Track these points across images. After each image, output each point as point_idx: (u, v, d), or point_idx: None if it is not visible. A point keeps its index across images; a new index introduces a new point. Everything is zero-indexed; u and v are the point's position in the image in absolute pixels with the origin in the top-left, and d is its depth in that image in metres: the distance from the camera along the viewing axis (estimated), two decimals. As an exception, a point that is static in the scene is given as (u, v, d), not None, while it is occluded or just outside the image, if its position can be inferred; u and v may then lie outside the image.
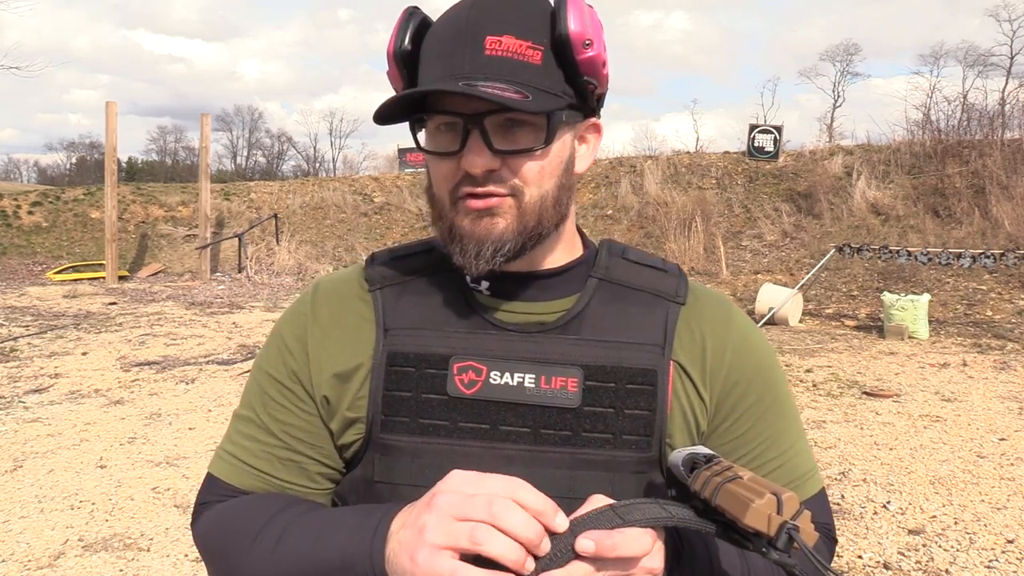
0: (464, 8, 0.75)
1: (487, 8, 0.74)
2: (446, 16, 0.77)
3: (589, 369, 0.77)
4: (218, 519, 0.80)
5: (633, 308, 0.81)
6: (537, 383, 0.76)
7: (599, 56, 0.75)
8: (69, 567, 3.30)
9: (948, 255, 9.55)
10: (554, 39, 0.74)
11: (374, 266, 0.85)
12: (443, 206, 0.77)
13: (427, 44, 0.77)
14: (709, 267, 13.19)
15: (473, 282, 0.82)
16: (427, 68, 0.76)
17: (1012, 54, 33.19)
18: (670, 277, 0.84)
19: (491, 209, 0.74)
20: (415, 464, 0.76)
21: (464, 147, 0.73)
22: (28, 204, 17.43)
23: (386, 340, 0.79)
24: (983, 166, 12.97)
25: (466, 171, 0.73)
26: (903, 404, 6.13)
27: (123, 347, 8.19)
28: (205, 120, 15.83)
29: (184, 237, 16.88)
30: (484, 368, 0.76)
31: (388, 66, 0.80)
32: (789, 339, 9.20)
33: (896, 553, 3.51)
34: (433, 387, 0.76)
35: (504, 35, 0.72)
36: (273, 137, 65.22)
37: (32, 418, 5.51)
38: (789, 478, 0.84)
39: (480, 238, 0.75)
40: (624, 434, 0.77)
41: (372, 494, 0.78)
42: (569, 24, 0.73)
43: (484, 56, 0.72)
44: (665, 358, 0.79)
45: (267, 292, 13.39)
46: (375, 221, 17.12)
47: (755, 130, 16.01)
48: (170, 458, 4.69)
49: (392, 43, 0.78)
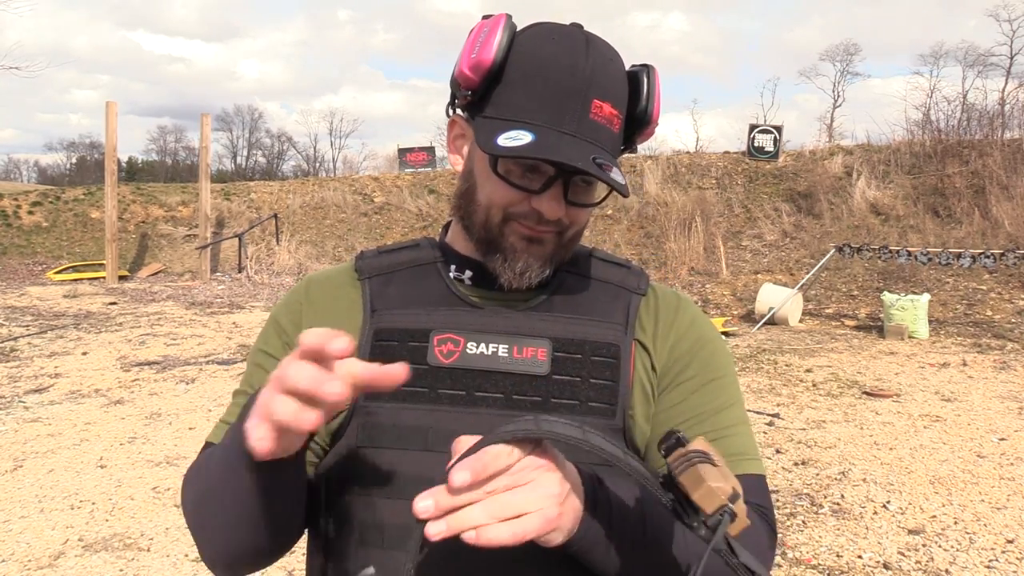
0: (579, 57, 0.78)
1: (598, 69, 0.79)
2: (552, 50, 0.79)
3: (557, 341, 0.83)
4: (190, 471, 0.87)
5: (599, 295, 0.88)
6: (510, 352, 0.82)
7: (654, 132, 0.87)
8: (69, 567, 3.30)
9: (948, 255, 9.55)
10: (635, 114, 0.84)
11: (364, 259, 0.91)
12: (493, 222, 0.83)
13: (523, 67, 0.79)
14: (709, 267, 13.19)
15: (457, 270, 0.88)
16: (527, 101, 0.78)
17: (1012, 54, 33.21)
18: (633, 274, 0.91)
19: (540, 239, 0.82)
20: (396, 428, 0.81)
21: (544, 191, 0.79)
22: (28, 204, 17.43)
23: (373, 319, 0.85)
24: (983, 166, 12.97)
25: (536, 210, 0.80)
26: (903, 404, 6.13)
27: (123, 347, 8.19)
28: (205, 120, 15.83)
29: (184, 237, 16.88)
30: (462, 340, 0.82)
31: (470, 72, 0.80)
32: (789, 339, 9.20)
33: (896, 553, 3.51)
34: (414, 358, 0.81)
35: (606, 102, 0.79)
36: (273, 137, 65.27)
37: (32, 418, 5.51)
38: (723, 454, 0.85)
39: (529, 259, 0.82)
40: (590, 401, 0.82)
41: (356, 459, 0.81)
42: (653, 110, 0.84)
43: (589, 119, 0.78)
44: (628, 337, 0.85)
45: (267, 292, 13.39)
46: (375, 221, 17.11)
47: (755, 130, 16.01)
48: (170, 458, 4.69)
49: (488, 52, 0.79)
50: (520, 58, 0.79)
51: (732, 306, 11.59)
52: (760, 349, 8.49)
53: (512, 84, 0.79)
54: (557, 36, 0.80)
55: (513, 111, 0.79)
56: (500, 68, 0.79)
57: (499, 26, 0.80)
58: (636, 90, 0.84)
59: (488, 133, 0.78)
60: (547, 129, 0.77)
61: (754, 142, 15.79)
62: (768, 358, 7.97)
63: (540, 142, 0.76)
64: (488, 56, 0.79)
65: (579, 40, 0.80)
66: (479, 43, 0.79)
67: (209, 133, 15.97)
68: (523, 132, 0.76)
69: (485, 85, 0.80)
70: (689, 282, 12.77)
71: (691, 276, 13.05)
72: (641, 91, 0.83)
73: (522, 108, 0.78)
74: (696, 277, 13.01)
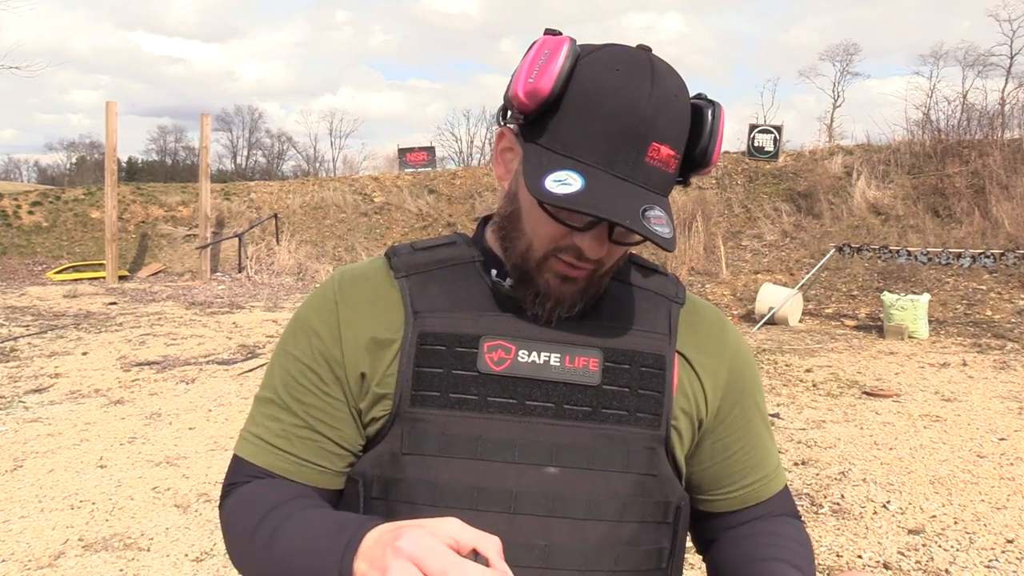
0: (642, 94, 0.74)
1: (660, 107, 0.74)
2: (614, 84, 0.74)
3: (608, 351, 0.83)
4: (234, 507, 0.83)
5: (642, 303, 0.88)
6: (562, 362, 0.81)
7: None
8: (69, 567, 3.30)
9: (948, 255, 9.55)
10: (695, 154, 0.80)
11: (398, 256, 0.87)
12: (534, 255, 0.81)
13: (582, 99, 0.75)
14: (709, 267, 13.19)
15: (498, 276, 0.85)
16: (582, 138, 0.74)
17: (1012, 54, 33.17)
18: (670, 282, 0.92)
19: (576, 278, 0.81)
20: (444, 436, 0.79)
21: (589, 230, 0.77)
22: (28, 204, 17.43)
23: (416, 321, 0.82)
24: (983, 166, 12.97)
25: (578, 247, 0.78)
26: (903, 404, 6.13)
27: (123, 347, 8.19)
28: (205, 120, 15.83)
29: (184, 237, 16.88)
30: (513, 347, 0.81)
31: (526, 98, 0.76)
32: (789, 339, 9.20)
33: (896, 553, 3.51)
34: (463, 364, 0.80)
35: (664, 144, 0.75)
36: (273, 137, 65.12)
37: (32, 418, 5.51)
38: (763, 472, 0.94)
39: (558, 299, 0.81)
40: (638, 412, 0.82)
41: (398, 466, 0.80)
42: (714, 151, 0.80)
43: (644, 163, 0.75)
44: (671, 347, 0.86)
45: (267, 292, 13.39)
46: (375, 221, 17.11)
47: (755, 130, 16.02)
48: (170, 458, 4.69)
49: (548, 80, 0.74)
50: (580, 87, 0.75)
51: (732, 306, 11.60)
52: (760, 349, 8.49)
53: (568, 116, 0.75)
54: (622, 66, 0.75)
55: (566, 146, 0.75)
56: (558, 97, 0.75)
57: (560, 53, 0.75)
58: (698, 126, 0.80)
59: (536, 168, 0.75)
60: (598, 171, 0.74)
61: (754, 142, 15.79)
62: (768, 358, 7.97)
63: (588, 192, 0.72)
64: (547, 86, 0.74)
65: (644, 72, 0.75)
66: (538, 67, 0.75)
67: (209, 133, 15.98)
68: (573, 174, 0.73)
69: (540, 112, 0.77)
70: (689, 282, 12.76)
71: (691, 276, 13.05)
72: (703, 130, 0.79)
73: (576, 145, 0.75)
74: (696, 277, 13.01)
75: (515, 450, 0.79)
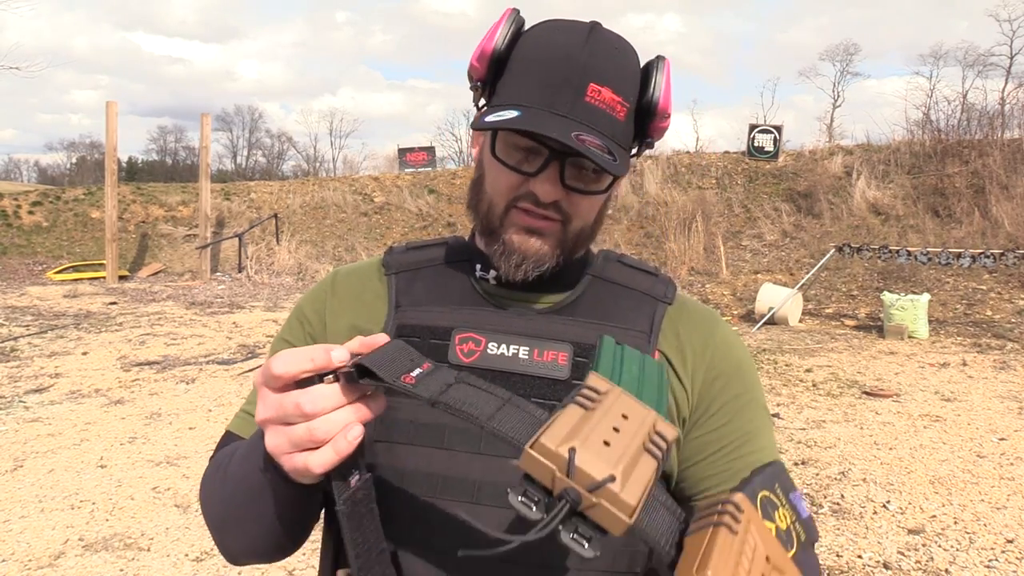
0: (576, 46, 0.78)
1: (597, 54, 0.78)
2: (552, 39, 0.79)
3: (579, 346, 0.82)
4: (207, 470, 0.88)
5: (624, 301, 0.88)
6: (530, 355, 0.82)
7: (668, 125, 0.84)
8: (69, 567, 3.30)
9: (948, 255, 9.55)
10: (642, 103, 0.81)
11: (392, 255, 0.92)
12: (495, 210, 0.83)
13: (524, 56, 0.80)
14: (709, 267, 13.19)
15: (482, 271, 0.88)
16: (522, 86, 0.79)
17: (1012, 54, 33.16)
18: (660, 282, 0.91)
19: (540, 229, 0.81)
20: (412, 425, 0.81)
21: (540, 172, 0.79)
22: (28, 204, 17.43)
23: (396, 314, 0.86)
24: (983, 166, 12.97)
25: (533, 192, 0.80)
26: (903, 404, 6.13)
27: (123, 347, 8.19)
28: (205, 120, 15.83)
29: (184, 237, 16.88)
30: (483, 339, 0.82)
31: (477, 62, 0.82)
32: (789, 339, 9.20)
33: (896, 553, 3.51)
34: (436, 355, 0.81)
35: (604, 87, 0.77)
36: (273, 137, 65.09)
37: (32, 418, 5.51)
38: None
39: (524, 254, 0.82)
40: None
41: (370, 452, 0.82)
42: (661, 97, 0.81)
43: (583, 102, 0.77)
44: (651, 345, 0.85)
45: (267, 292, 13.39)
46: (375, 221, 17.12)
47: (755, 130, 16.02)
48: (170, 458, 4.70)
49: (490, 42, 0.81)
50: (523, 49, 0.80)
51: (732, 306, 11.60)
52: (760, 349, 8.49)
53: (512, 73, 0.81)
54: (563, 27, 0.80)
55: (510, 96, 0.79)
56: (505, 59, 0.81)
57: (504, 18, 0.81)
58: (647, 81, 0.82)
59: (482, 116, 0.79)
60: (536, 109, 0.76)
61: (754, 142, 15.80)
62: (768, 358, 7.98)
63: (524, 117, 0.75)
64: (490, 45, 0.80)
65: (582, 29, 0.80)
66: (486, 36, 0.82)
67: (209, 133, 15.97)
68: (512, 111, 0.76)
69: (491, 75, 0.82)
70: (689, 282, 12.77)
71: (691, 276, 13.06)
72: (650, 81, 0.82)
73: (518, 93, 0.79)
74: (696, 277, 13.01)
75: (480, 441, 0.79)
